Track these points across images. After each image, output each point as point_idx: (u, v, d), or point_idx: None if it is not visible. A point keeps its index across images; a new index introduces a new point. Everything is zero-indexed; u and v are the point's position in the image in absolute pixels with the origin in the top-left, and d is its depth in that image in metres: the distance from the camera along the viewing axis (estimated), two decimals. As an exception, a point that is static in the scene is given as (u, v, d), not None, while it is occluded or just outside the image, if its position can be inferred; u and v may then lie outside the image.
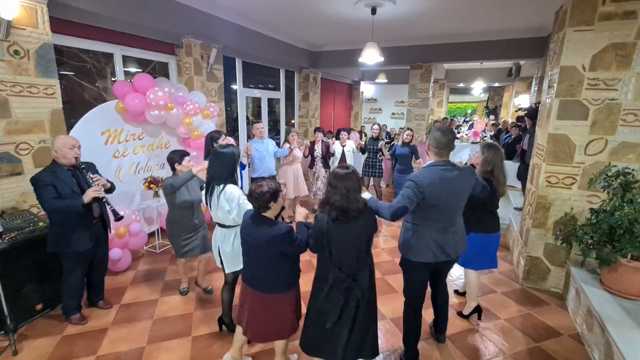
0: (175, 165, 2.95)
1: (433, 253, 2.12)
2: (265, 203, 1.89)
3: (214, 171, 2.35)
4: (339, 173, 1.88)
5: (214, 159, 2.37)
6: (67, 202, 2.43)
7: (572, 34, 2.88)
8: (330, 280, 1.89)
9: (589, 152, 3.00)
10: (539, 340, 2.67)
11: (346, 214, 1.83)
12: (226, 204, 2.30)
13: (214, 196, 2.34)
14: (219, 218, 2.40)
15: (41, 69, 3.07)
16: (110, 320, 2.80)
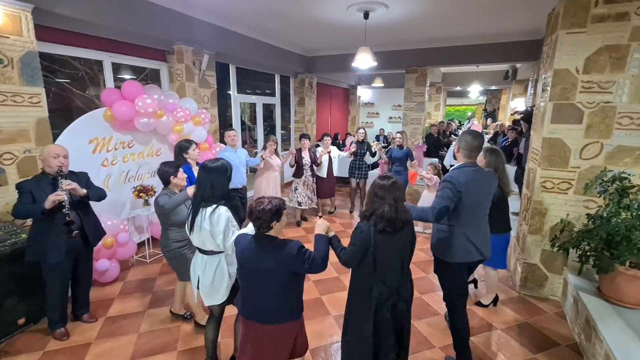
0: (171, 179, 2.61)
1: (470, 253, 2.17)
2: (267, 222, 1.69)
3: (203, 191, 2.03)
4: (385, 184, 1.83)
5: (203, 176, 2.05)
6: (28, 207, 2.38)
7: (564, 37, 2.83)
8: (374, 298, 1.81)
9: (585, 156, 2.94)
10: (536, 351, 2.59)
11: (394, 225, 1.78)
12: (209, 226, 2.00)
13: (199, 218, 2.04)
14: (201, 242, 2.09)
15: (26, 78, 3.01)
16: (95, 334, 2.72)
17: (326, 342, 2.65)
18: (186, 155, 3.26)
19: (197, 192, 2.08)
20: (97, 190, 2.76)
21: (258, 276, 1.70)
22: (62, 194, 2.37)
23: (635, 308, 2.47)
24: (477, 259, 2.22)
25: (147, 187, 3.91)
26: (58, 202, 2.37)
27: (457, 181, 2.08)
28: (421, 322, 2.95)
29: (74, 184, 2.49)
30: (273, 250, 1.68)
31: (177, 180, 2.64)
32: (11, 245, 2.62)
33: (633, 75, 2.70)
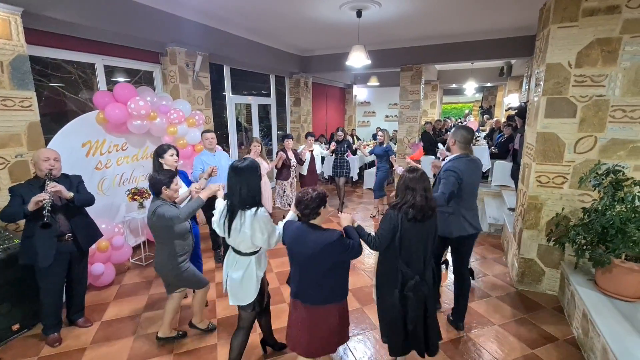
0: (163, 189, 2.34)
1: (465, 228, 2.56)
2: (316, 209, 1.84)
3: (240, 194, 1.95)
4: (415, 176, 2.01)
5: (236, 177, 1.96)
6: (12, 209, 2.37)
7: (556, 31, 2.83)
8: (399, 280, 2.00)
9: (579, 150, 2.94)
10: (534, 346, 2.58)
11: (425, 213, 1.96)
12: (250, 230, 1.95)
13: (238, 221, 1.97)
14: (238, 244, 2.06)
15: (16, 81, 2.99)
16: (90, 339, 2.69)
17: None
18: (162, 161, 2.86)
19: (233, 195, 1.97)
20: (86, 195, 2.70)
21: (303, 260, 1.86)
22: (44, 196, 2.33)
23: (632, 301, 2.46)
24: (472, 232, 2.58)
25: (141, 189, 3.89)
26: (40, 204, 2.33)
27: (459, 170, 2.44)
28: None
29: (60, 186, 2.44)
30: (316, 237, 1.81)
31: (169, 192, 2.37)
32: (4, 251, 2.60)
33: (625, 68, 2.70)
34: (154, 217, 2.26)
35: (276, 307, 3.13)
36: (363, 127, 12.41)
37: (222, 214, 2.05)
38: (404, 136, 7.45)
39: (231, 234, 2.01)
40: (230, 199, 2.00)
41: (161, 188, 2.33)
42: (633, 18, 2.61)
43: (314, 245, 1.79)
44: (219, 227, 2.09)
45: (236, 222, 1.97)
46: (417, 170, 2.05)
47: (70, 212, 2.63)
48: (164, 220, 2.23)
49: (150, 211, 2.28)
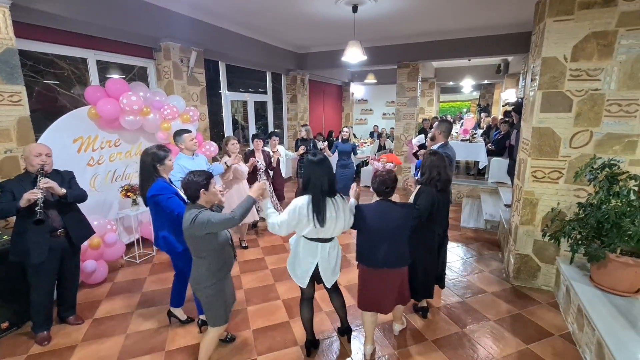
0: (202, 193, 2.01)
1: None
2: (393, 188, 2.21)
3: (326, 185, 2.04)
4: (439, 157, 2.57)
5: (317, 170, 2.04)
6: (3, 205, 2.32)
7: (552, 25, 2.81)
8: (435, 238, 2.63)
9: (574, 145, 2.92)
10: (529, 341, 2.57)
11: (448, 184, 2.59)
12: (343, 213, 2.12)
13: (332, 208, 2.07)
14: (329, 232, 2.12)
15: (5, 75, 2.94)
16: (80, 336, 2.66)
17: (319, 337, 2.61)
18: (161, 167, 2.47)
19: (316, 187, 2.04)
20: (78, 191, 2.66)
21: (390, 232, 2.16)
22: (36, 193, 2.30)
23: (627, 295, 2.45)
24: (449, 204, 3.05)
25: (134, 186, 3.84)
26: (32, 200, 2.29)
27: (452, 153, 3.12)
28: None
29: (52, 182, 2.41)
30: (399, 210, 2.20)
31: (208, 196, 2.04)
32: (-8, 247, 2.55)
33: (621, 61, 2.68)
34: (193, 226, 1.91)
35: (270, 305, 3.10)
36: (360, 125, 12.40)
37: (308, 209, 2.03)
38: (400, 133, 7.43)
39: (327, 223, 2.05)
40: (313, 191, 2.05)
41: (200, 192, 2.00)
42: (629, 11, 2.59)
43: (399, 216, 2.17)
44: (320, 221, 2.04)
45: (330, 210, 2.06)
46: (437, 152, 2.63)
47: (62, 208, 2.59)
48: (212, 227, 1.92)
49: (188, 220, 1.93)
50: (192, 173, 2.03)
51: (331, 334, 2.67)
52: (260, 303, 3.10)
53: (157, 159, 2.45)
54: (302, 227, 2.08)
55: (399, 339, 2.61)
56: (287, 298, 3.18)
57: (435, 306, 3.04)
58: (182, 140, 3.18)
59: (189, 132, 3.26)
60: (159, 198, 2.36)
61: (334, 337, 2.64)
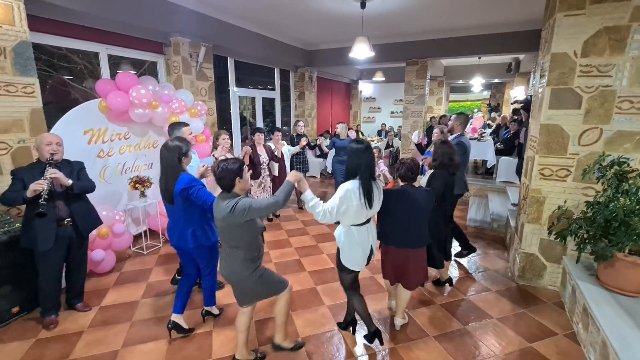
0: (237, 181, 1.98)
1: (462, 188, 3.54)
2: (417, 173, 2.46)
3: (368, 171, 2.14)
4: (450, 144, 2.96)
5: (361, 155, 2.14)
6: (12, 194, 2.39)
7: (562, 19, 2.75)
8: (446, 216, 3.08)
9: (583, 143, 2.87)
10: (532, 340, 2.54)
11: (455, 170, 2.94)
12: (380, 196, 2.28)
13: (377, 191, 2.21)
14: (372, 214, 2.27)
15: (19, 68, 3.01)
16: (87, 323, 2.72)
17: (319, 331, 2.62)
18: (185, 161, 2.38)
19: (362, 172, 2.13)
20: (85, 182, 2.71)
21: (413, 214, 2.38)
22: (42, 183, 2.35)
23: (635, 296, 2.40)
24: (465, 192, 3.65)
25: (143, 178, 3.91)
26: (38, 191, 2.34)
27: (467, 143, 3.64)
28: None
29: (59, 173, 2.46)
30: (421, 194, 2.43)
31: (242, 184, 2.01)
32: (5, 234, 2.63)
33: (633, 57, 2.62)
34: (233, 214, 1.88)
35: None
36: (368, 123, 12.36)
37: (357, 193, 2.11)
38: (408, 131, 7.39)
39: (374, 205, 2.20)
40: (363, 176, 2.13)
41: (235, 179, 1.96)
42: (643, 5, 2.53)
43: (421, 199, 2.39)
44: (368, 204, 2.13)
45: (376, 193, 2.21)
46: (447, 141, 3.01)
47: (69, 198, 2.65)
48: (255, 212, 1.91)
49: (226, 209, 1.89)
50: (225, 162, 1.98)
51: (332, 328, 2.68)
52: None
53: (182, 153, 2.33)
54: (350, 211, 2.13)
55: (400, 333, 2.61)
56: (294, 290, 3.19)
57: (438, 303, 3.03)
58: (180, 133, 2.94)
59: (187, 125, 3.12)
60: (190, 191, 2.27)
61: (334, 331, 2.65)
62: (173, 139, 2.41)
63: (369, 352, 2.42)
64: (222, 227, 1.98)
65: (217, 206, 1.97)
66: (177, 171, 2.31)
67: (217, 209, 1.97)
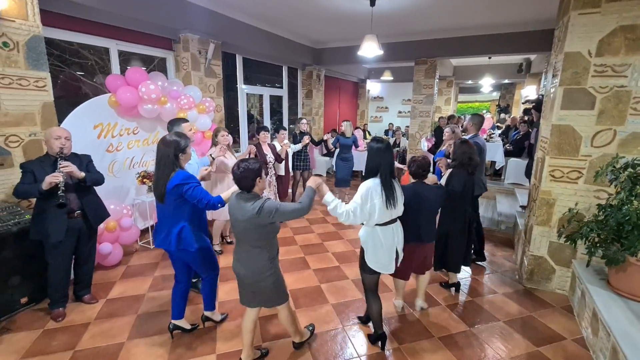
0: (258, 181, 1.97)
1: (481, 188, 3.60)
2: (428, 170, 2.53)
3: (389, 169, 2.17)
4: (470, 144, 2.96)
5: (382, 154, 2.17)
6: (27, 187, 2.42)
7: (576, 18, 2.70)
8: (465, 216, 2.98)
9: (596, 144, 2.81)
10: (539, 344, 2.49)
11: (475, 169, 2.97)
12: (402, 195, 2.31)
13: (399, 189, 2.25)
14: (399, 211, 2.26)
15: (31, 62, 3.05)
16: (94, 315, 2.75)
17: (323, 330, 2.62)
18: (182, 157, 2.24)
19: (383, 170, 2.15)
20: (96, 174, 2.75)
21: (428, 210, 2.50)
22: (58, 176, 2.39)
23: (647, 301, 2.35)
24: (483, 191, 3.67)
25: (151, 173, 3.94)
26: (54, 183, 2.38)
27: (483, 143, 3.60)
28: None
29: (72, 166, 2.50)
30: (434, 190, 2.53)
31: (262, 184, 2.01)
32: (15, 225, 2.67)
33: (650, 57, 2.55)
34: (260, 215, 1.88)
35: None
36: (375, 123, 12.30)
37: (377, 191, 2.13)
38: (415, 131, 7.33)
39: (397, 204, 2.20)
40: (384, 174, 2.16)
41: (256, 179, 1.94)
42: (661, 4, 2.46)
43: (433, 196, 2.50)
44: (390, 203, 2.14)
45: (398, 190, 2.23)
46: (467, 141, 3.02)
47: (80, 191, 2.68)
48: (281, 216, 1.92)
49: (253, 210, 1.88)
50: (244, 162, 1.94)
51: (336, 326, 2.67)
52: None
53: (180, 148, 2.20)
54: (373, 210, 2.12)
55: (404, 334, 2.59)
56: (293, 289, 3.20)
57: (443, 304, 3.00)
58: (180, 129, 2.80)
59: (187, 121, 3.02)
60: (185, 188, 2.13)
61: (339, 329, 2.63)
62: (172, 133, 2.32)
63: (373, 352, 2.40)
64: (245, 227, 1.94)
65: (238, 206, 1.94)
66: (171, 167, 2.15)
67: (238, 209, 1.94)
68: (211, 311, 2.64)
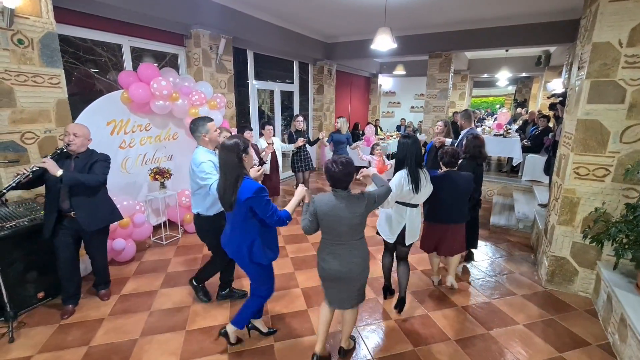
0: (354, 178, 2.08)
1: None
2: (458, 159, 2.88)
3: (415, 160, 2.48)
4: (481, 139, 3.31)
5: (411, 147, 2.47)
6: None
7: (606, 6, 2.54)
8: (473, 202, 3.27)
9: (626, 140, 2.65)
10: (562, 350, 2.39)
11: (484, 160, 3.40)
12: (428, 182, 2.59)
13: (424, 178, 2.53)
14: (420, 197, 2.57)
15: (46, 59, 3.07)
16: (108, 310, 2.77)
17: (336, 329, 2.57)
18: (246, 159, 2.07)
19: (410, 161, 2.47)
20: (84, 176, 2.52)
21: (459, 195, 2.80)
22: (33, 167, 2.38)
23: (680, 307, 2.21)
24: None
25: (163, 169, 3.95)
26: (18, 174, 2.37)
27: (478, 133, 3.68)
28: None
29: (49, 163, 2.36)
30: (464, 177, 2.83)
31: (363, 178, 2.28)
32: (30, 221, 2.70)
33: (687, 47, 2.38)
34: (367, 208, 2.00)
35: (289, 292, 3.09)
36: (387, 118, 12.13)
37: (406, 179, 2.46)
38: (429, 127, 7.17)
39: (420, 191, 2.49)
40: (410, 164, 2.48)
41: (353, 177, 2.02)
42: (701, -11, 2.29)
43: (465, 181, 2.82)
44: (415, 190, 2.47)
45: (423, 180, 2.51)
46: (478, 136, 3.35)
47: (73, 192, 2.56)
48: (378, 202, 2.08)
49: (362, 204, 1.97)
50: (338, 163, 1.94)
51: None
52: (279, 290, 3.10)
53: (242, 149, 2.01)
54: (402, 196, 2.50)
55: (420, 336, 2.52)
56: (306, 287, 3.16)
57: (460, 305, 2.91)
58: (206, 130, 2.55)
59: (212, 120, 2.68)
60: (256, 202, 1.97)
61: (352, 329, 2.58)
62: (229, 136, 2.12)
63: (386, 354, 2.34)
64: (352, 224, 1.96)
65: (342, 206, 1.94)
66: (238, 173, 1.99)
67: (343, 209, 1.94)
68: (258, 319, 2.48)
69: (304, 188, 2.15)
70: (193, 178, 2.53)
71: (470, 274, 3.46)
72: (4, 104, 2.85)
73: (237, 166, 2.00)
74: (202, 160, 2.44)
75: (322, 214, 1.96)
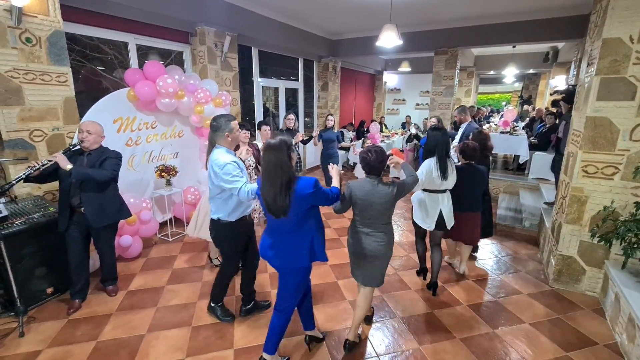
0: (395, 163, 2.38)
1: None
2: (478, 152, 3.05)
3: (444, 149, 2.74)
4: (486, 133, 3.50)
5: (442, 138, 2.74)
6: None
7: (617, 1, 2.49)
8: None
9: (636, 138, 2.61)
10: (569, 349, 2.37)
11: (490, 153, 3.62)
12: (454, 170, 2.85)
13: (450, 167, 2.78)
14: (448, 183, 2.80)
15: (53, 57, 3.10)
16: (116, 306, 2.81)
17: (340, 327, 2.58)
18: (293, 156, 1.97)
19: (439, 150, 2.73)
20: (93, 170, 2.56)
21: (476, 185, 3.04)
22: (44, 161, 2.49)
23: (690, 307, 2.18)
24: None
25: (169, 167, 3.97)
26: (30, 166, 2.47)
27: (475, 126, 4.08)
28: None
29: (60, 157, 2.44)
30: (479, 170, 3.04)
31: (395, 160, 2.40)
32: (40, 218, 2.73)
33: (701, 42, 2.34)
34: (398, 195, 2.16)
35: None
36: (392, 115, 12.07)
37: (435, 166, 2.74)
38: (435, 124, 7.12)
39: (448, 177, 2.76)
40: (439, 154, 2.74)
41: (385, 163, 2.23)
42: None
43: (480, 174, 3.04)
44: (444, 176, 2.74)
45: (450, 167, 2.78)
46: (482, 131, 3.53)
47: (83, 187, 2.60)
48: (407, 191, 2.25)
49: (392, 191, 2.12)
50: (373, 151, 2.15)
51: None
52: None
53: (289, 145, 1.87)
54: (429, 182, 2.77)
55: (425, 334, 2.52)
56: (314, 284, 3.16)
57: (465, 304, 2.90)
58: (229, 128, 2.31)
59: (235, 118, 2.43)
60: (320, 193, 1.89)
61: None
62: (273, 135, 1.99)
63: (391, 351, 2.35)
64: (382, 209, 2.14)
65: (374, 191, 2.13)
66: (290, 174, 1.82)
67: (374, 193, 2.13)
68: (312, 329, 2.37)
69: (337, 167, 2.26)
70: (215, 181, 2.25)
71: (476, 272, 3.44)
72: (13, 102, 2.89)
73: (288, 167, 1.83)
74: (225, 161, 2.21)
75: (356, 197, 2.15)
